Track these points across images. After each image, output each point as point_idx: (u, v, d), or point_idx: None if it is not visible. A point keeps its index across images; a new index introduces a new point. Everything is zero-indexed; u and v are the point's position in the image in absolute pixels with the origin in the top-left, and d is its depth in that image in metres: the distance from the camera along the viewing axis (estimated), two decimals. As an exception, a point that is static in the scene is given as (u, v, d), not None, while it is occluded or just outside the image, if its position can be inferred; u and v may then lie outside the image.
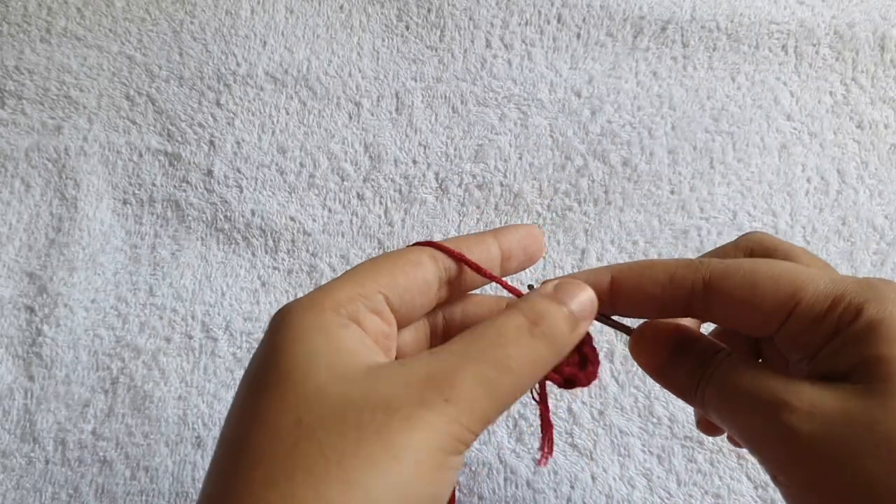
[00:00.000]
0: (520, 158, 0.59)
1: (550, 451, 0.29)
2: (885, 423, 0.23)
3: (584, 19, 0.64)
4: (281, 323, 0.26)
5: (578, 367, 0.29)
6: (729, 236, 0.56)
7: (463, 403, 0.23)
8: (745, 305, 0.27)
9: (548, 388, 0.29)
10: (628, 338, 0.31)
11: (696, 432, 0.49)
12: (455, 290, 0.30)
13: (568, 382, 0.29)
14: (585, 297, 0.27)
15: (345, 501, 0.21)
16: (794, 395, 0.25)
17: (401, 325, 0.29)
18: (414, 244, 0.29)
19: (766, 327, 0.27)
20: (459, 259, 0.29)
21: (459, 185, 0.58)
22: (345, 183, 0.58)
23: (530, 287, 0.30)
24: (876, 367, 0.24)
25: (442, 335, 0.32)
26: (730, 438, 0.37)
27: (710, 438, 0.49)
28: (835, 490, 0.23)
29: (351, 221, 0.57)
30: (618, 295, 0.29)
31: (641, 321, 0.31)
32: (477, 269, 0.29)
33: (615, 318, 0.31)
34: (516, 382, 0.25)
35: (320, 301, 0.26)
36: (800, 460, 0.24)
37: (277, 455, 0.22)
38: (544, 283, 0.28)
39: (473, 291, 0.32)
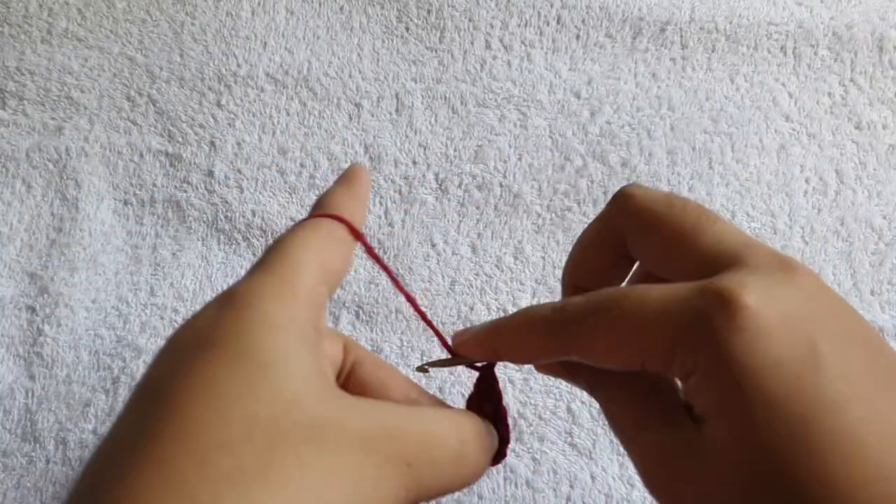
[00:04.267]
0: (519, 159, 0.59)
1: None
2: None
3: (583, 20, 0.64)
4: (251, 308, 0.22)
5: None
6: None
7: (416, 477, 0.22)
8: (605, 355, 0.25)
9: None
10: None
11: (694, 432, 0.49)
12: None
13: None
14: (490, 438, 0.28)
15: None
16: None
17: None
18: (318, 215, 0.27)
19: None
20: (377, 262, 0.29)
21: (459, 186, 0.58)
22: (345, 183, 0.59)
23: (422, 369, 0.31)
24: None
25: (345, 379, 0.29)
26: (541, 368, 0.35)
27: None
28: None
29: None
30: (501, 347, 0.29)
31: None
32: (377, 259, 0.29)
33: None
34: (458, 482, 0.25)
35: (283, 289, 0.23)
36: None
37: (249, 451, 0.19)
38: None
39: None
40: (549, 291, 0.54)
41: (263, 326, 0.22)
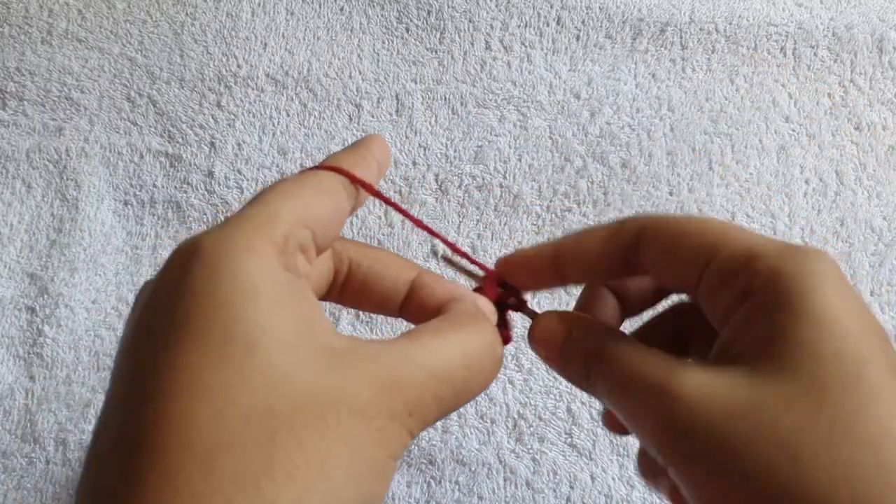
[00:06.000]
0: (519, 160, 0.59)
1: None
2: (769, 411, 0.21)
3: (583, 21, 0.64)
4: (221, 268, 0.20)
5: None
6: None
7: (421, 420, 0.22)
8: (668, 254, 0.26)
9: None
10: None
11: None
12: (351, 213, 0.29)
13: None
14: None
15: None
16: (680, 378, 0.23)
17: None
18: (314, 168, 0.27)
19: (686, 280, 0.26)
20: (370, 191, 0.27)
21: (459, 187, 0.58)
22: (345, 184, 0.59)
23: (438, 254, 0.31)
24: (770, 344, 0.22)
25: (344, 281, 0.29)
26: (608, 422, 0.34)
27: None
28: (717, 483, 0.21)
29: (351, 222, 0.57)
30: (563, 264, 0.29)
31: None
32: (387, 201, 0.29)
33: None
34: (465, 402, 0.25)
35: (260, 240, 0.22)
36: (683, 451, 0.22)
37: (251, 446, 0.18)
38: (475, 298, 0.30)
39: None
40: (549, 292, 0.54)
41: (239, 293, 0.20)
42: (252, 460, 0.18)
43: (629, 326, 0.34)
